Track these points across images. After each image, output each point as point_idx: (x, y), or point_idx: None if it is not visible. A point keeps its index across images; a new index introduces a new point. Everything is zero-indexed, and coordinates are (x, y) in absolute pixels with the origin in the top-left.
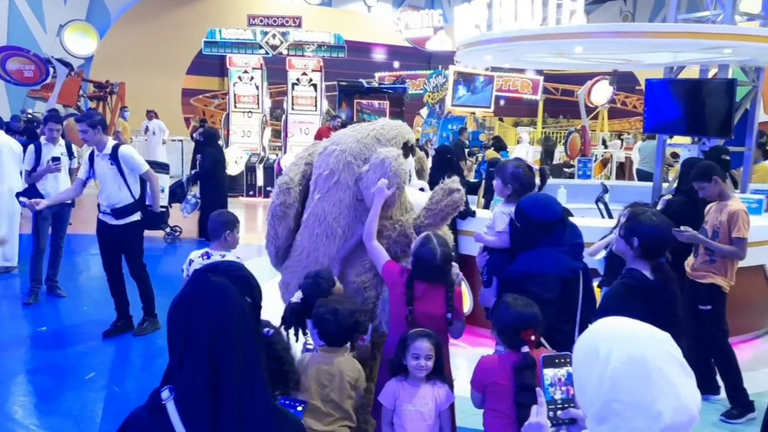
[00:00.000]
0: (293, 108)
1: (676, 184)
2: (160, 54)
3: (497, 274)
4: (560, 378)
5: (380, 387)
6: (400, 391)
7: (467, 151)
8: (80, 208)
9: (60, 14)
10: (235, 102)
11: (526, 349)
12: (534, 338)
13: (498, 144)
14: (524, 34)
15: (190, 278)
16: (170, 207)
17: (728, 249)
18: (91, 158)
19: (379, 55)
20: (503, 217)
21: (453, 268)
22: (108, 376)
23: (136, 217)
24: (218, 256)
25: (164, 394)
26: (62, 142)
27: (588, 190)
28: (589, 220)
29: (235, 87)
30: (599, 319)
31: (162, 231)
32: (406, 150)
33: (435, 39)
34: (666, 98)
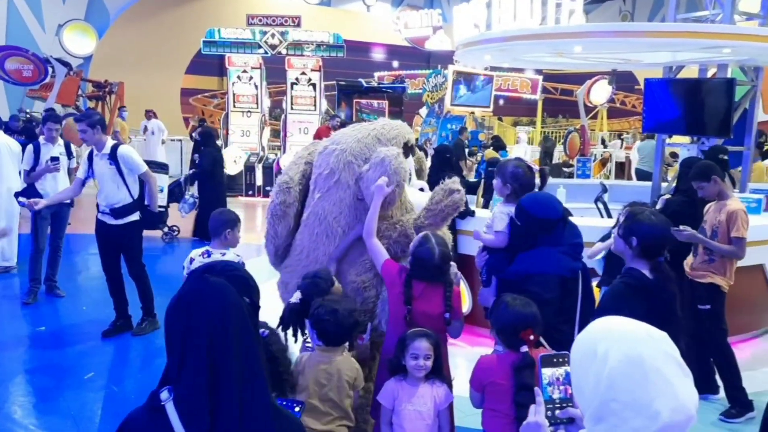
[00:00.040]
0: (292, 108)
1: (675, 184)
2: (159, 53)
3: (497, 274)
4: (558, 377)
5: (379, 387)
6: (399, 391)
7: (467, 151)
8: (79, 208)
9: (59, 14)
10: (234, 102)
11: (525, 349)
12: (533, 338)
13: (497, 143)
14: (523, 34)
15: (188, 279)
16: (168, 207)
17: (727, 248)
18: (90, 158)
19: (378, 55)
20: (502, 217)
21: (451, 268)
22: (107, 376)
23: (135, 217)
24: (218, 255)
25: (163, 395)
26: (61, 142)
27: (587, 190)
28: (588, 220)
29: (234, 86)
30: (597, 319)
31: (160, 231)
32: (406, 150)
33: (434, 38)
34: (665, 98)
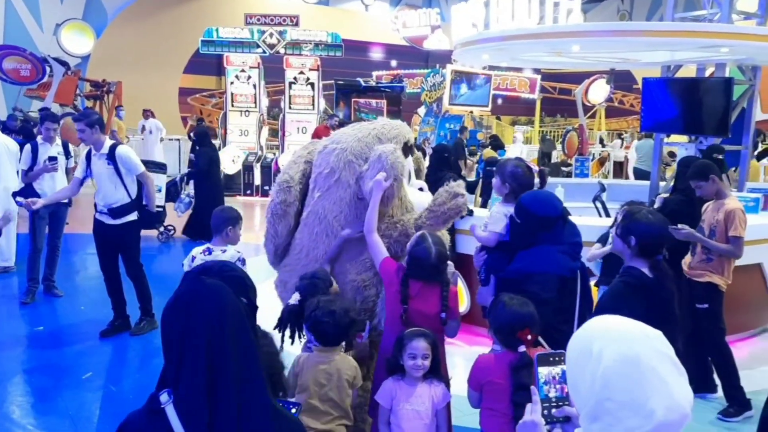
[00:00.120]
0: (290, 107)
1: (673, 183)
2: (157, 53)
3: (495, 273)
4: (555, 376)
5: (377, 386)
6: (397, 391)
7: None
8: (77, 208)
9: (57, 13)
10: (233, 101)
11: (523, 349)
12: (530, 338)
13: (495, 143)
14: (521, 33)
15: (184, 280)
16: (166, 206)
17: (725, 248)
18: (88, 157)
19: (377, 54)
20: (500, 217)
21: (448, 268)
22: (105, 376)
23: (133, 217)
24: (219, 252)
25: (163, 398)
26: (59, 142)
27: (585, 189)
28: (587, 219)
29: (233, 86)
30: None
31: (156, 230)
32: (406, 150)
33: (432, 38)
34: (663, 97)
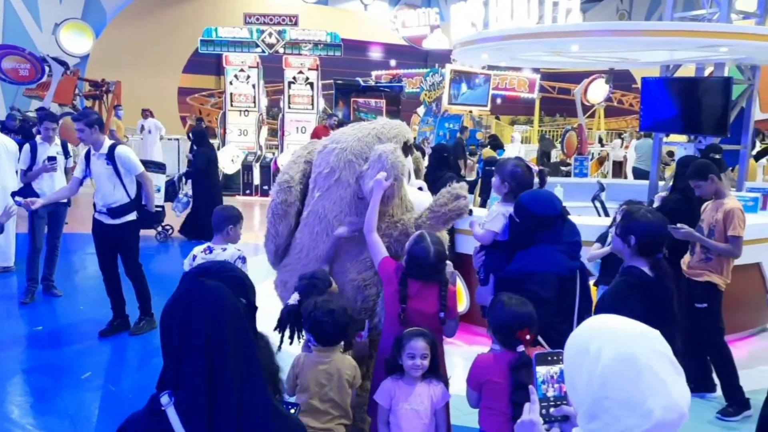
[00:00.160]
0: (290, 106)
1: (672, 183)
2: (156, 52)
3: (495, 273)
4: (553, 375)
5: (376, 386)
6: (396, 390)
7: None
8: (76, 207)
9: (55, 13)
10: (232, 101)
11: (522, 348)
12: (529, 337)
13: (494, 142)
14: (520, 33)
15: (182, 281)
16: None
17: (724, 247)
18: (87, 157)
19: (376, 54)
20: (499, 217)
21: (447, 267)
22: (104, 376)
23: (132, 217)
24: (220, 250)
25: (164, 399)
26: (58, 141)
27: (584, 189)
28: (586, 219)
29: (232, 85)
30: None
31: (153, 230)
32: (405, 149)
33: (431, 37)
34: (662, 96)
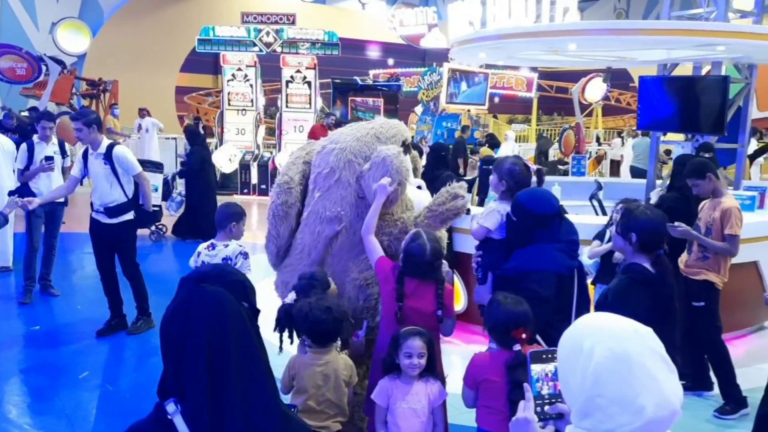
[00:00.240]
0: (287, 106)
1: (669, 181)
2: (154, 51)
3: (493, 271)
4: (547, 373)
5: (373, 385)
6: (393, 389)
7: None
8: (73, 207)
9: (52, 12)
10: (229, 100)
11: (518, 347)
12: (525, 336)
13: (492, 141)
14: (518, 32)
15: (182, 287)
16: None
17: (721, 245)
18: (85, 156)
19: (374, 53)
20: (494, 214)
21: (443, 266)
22: (102, 375)
23: (129, 216)
24: (222, 246)
25: (170, 408)
26: (55, 141)
27: (582, 187)
28: (583, 217)
29: (229, 85)
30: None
31: (147, 229)
32: (404, 148)
33: (429, 36)
34: (659, 95)
